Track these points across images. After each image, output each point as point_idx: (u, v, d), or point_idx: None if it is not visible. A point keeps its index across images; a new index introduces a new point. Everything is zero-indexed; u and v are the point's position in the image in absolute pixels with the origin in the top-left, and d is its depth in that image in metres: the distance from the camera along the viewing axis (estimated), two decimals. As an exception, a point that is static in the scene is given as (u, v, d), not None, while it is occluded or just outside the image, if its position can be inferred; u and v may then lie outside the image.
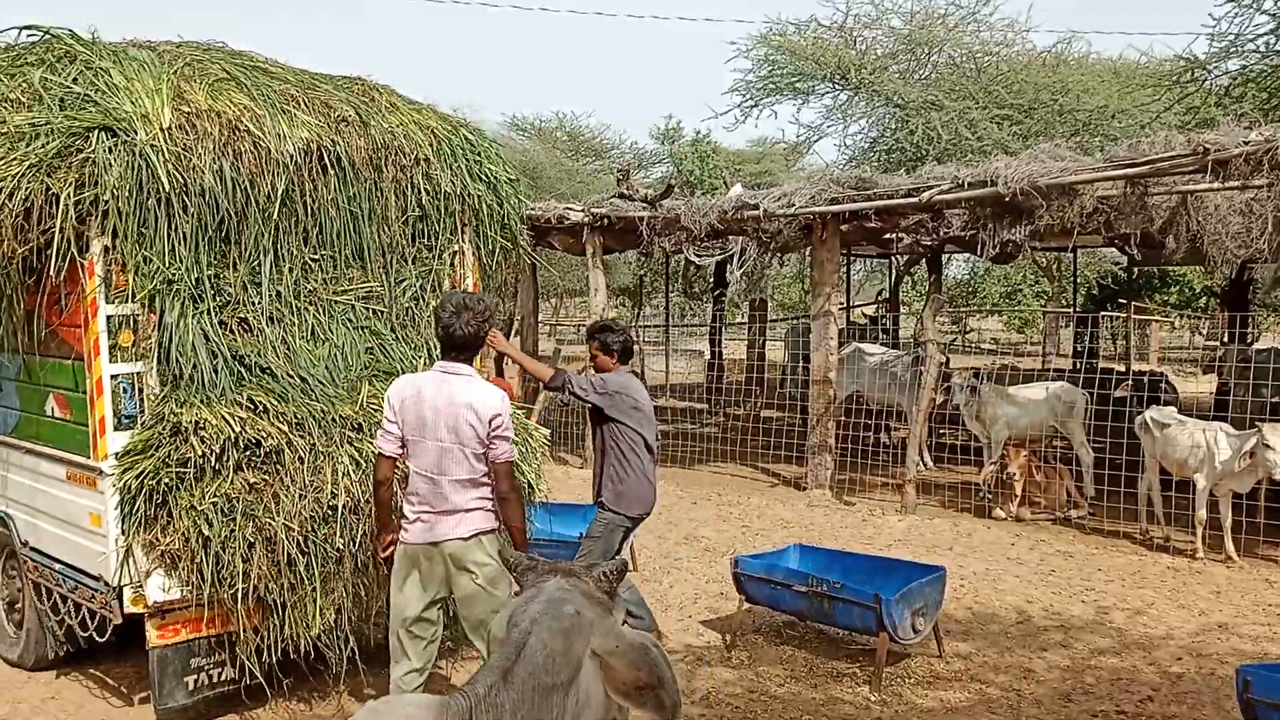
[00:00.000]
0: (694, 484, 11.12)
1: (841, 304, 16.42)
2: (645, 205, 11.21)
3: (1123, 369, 14.08)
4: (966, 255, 18.58)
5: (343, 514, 4.91)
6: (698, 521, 9.41)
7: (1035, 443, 10.19)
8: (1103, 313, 20.81)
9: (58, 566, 5.33)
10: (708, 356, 18.93)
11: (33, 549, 5.58)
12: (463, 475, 4.29)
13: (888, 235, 11.85)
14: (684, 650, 6.22)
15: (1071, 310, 21.08)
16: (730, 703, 5.46)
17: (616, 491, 5.77)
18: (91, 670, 5.83)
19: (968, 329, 31.15)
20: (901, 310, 20.86)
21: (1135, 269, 18.98)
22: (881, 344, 13.30)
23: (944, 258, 16.43)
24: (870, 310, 20.82)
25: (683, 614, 6.88)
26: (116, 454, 4.81)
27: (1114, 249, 15.97)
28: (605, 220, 11.52)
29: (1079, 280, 21.23)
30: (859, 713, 5.33)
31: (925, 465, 11.45)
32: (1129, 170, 8.16)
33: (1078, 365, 14.67)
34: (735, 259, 11.21)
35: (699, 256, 11.44)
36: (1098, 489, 9.51)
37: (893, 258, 17.97)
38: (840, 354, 11.14)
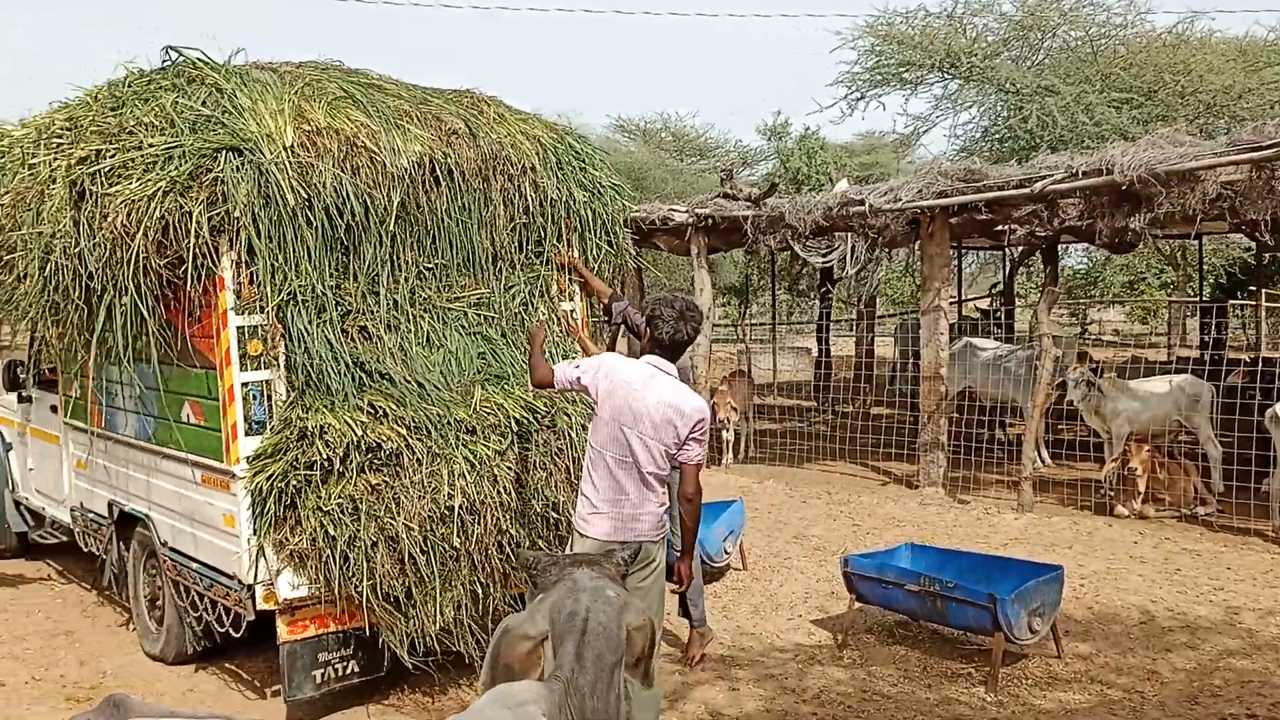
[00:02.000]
0: (803, 483, 11.07)
1: (953, 298, 16.12)
2: (749, 204, 11.20)
3: (1250, 359, 13.51)
4: (1085, 244, 18.05)
5: (459, 514, 5.08)
6: (807, 520, 9.38)
7: (1159, 437, 9.87)
8: (1231, 301, 19.96)
9: (195, 565, 5.63)
10: (815, 354, 18.80)
11: (171, 549, 5.88)
12: (654, 469, 4.39)
13: (999, 227, 11.59)
14: (794, 649, 6.23)
15: (1198, 299, 20.28)
16: (842, 701, 5.46)
17: None
18: (226, 664, 6.13)
19: (1088, 320, 30.16)
20: (1017, 303, 20.37)
21: (1265, 255, 18.15)
22: (995, 338, 13.04)
23: (1061, 247, 15.99)
24: (984, 304, 20.39)
25: (793, 613, 6.88)
26: (248, 458, 5.06)
27: (1242, 234, 15.32)
28: (709, 220, 11.54)
29: (1205, 268, 20.41)
30: (974, 713, 5.27)
31: (1044, 462, 11.19)
32: (1254, 154, 7.84)
33: (1204, 356, 14.11)
34: (848, 258, 11.09)
35: (809, 254, 11.35)
36: (1227, 485, 9.17)
37: (1006, 249, 17.57)
38: (951, 349, 10.97)
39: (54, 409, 7.37)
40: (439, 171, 5.51)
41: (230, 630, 5.45)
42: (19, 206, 5.89)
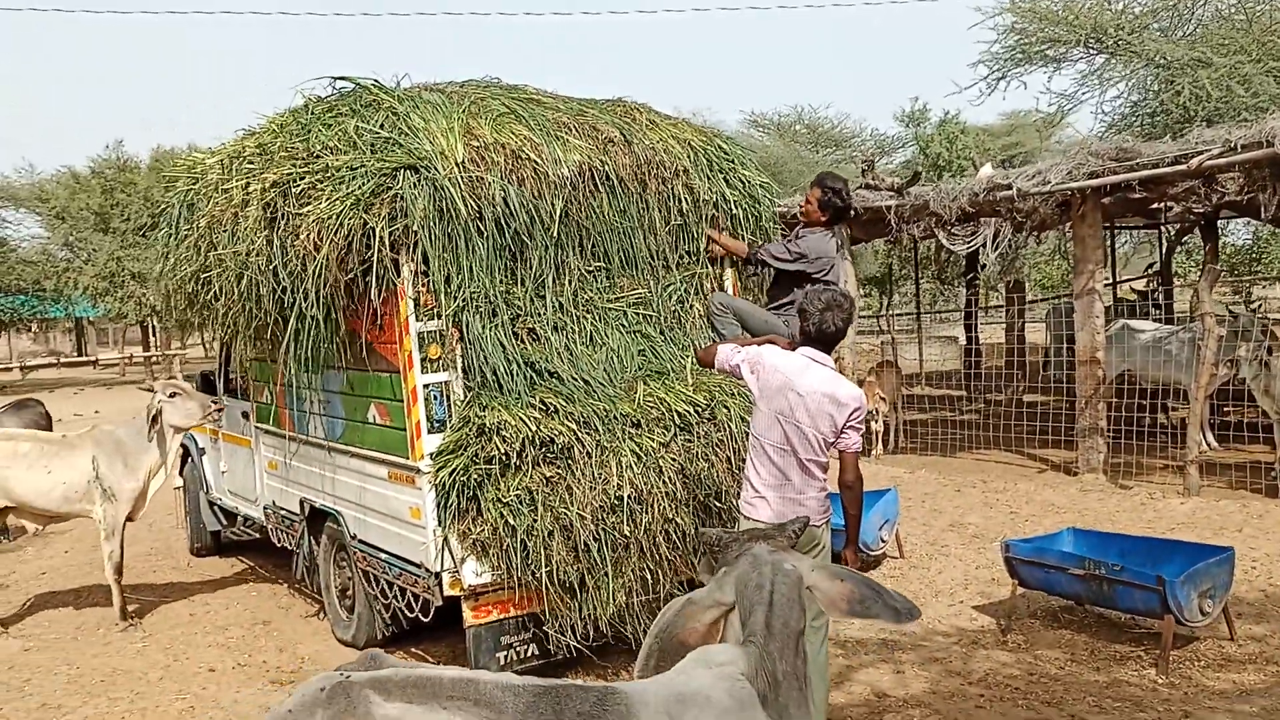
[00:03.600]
0: (956, 471, 11.00)
1: (1106, 280, 15.68)
2: (892, 194, 11.18)
3: None
4: (1247, 219, 17.25)
5: (628, 504, 5.33)
6: (963, 509, 9.35)
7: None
8: None
9: (383, 556, 6.02)
10: (963, 342, 18.51)
11: (360, 541, 6.31)
12: (812, 457, 4.52)
13: (1154, 205, 11.26)
14: (957, 634, 6.28)
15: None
16: (1008, 684, 5.49)
17: None
18: (413, 649, 6.51)
19: (1252, 299, 28.71)
20: (1175, 283, 19.59)
21: None
22: (1153, 320, 12.65)
23: (1221, 223, 15.36)
24: (1140, 285, 19.69)
25: (953, 599, 6.92)
26: (431, 454, 5.41)
27: None
28: (851, 211, 11.54)
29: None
30: (1145, 695, 5.24)
31: (1209, 445, 10.84)
32: None
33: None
34: (990, 243, 10.96)
35: (951, 242, 11.25)
36: None
37: (1161, 228, 16.95)
38: (1107, 332, 10.72)
39: (244, 415, 7.95)
40: (597, 179, 5.78)
41: (419, 615, 5.82)
42: (214, 229, 6.41)
